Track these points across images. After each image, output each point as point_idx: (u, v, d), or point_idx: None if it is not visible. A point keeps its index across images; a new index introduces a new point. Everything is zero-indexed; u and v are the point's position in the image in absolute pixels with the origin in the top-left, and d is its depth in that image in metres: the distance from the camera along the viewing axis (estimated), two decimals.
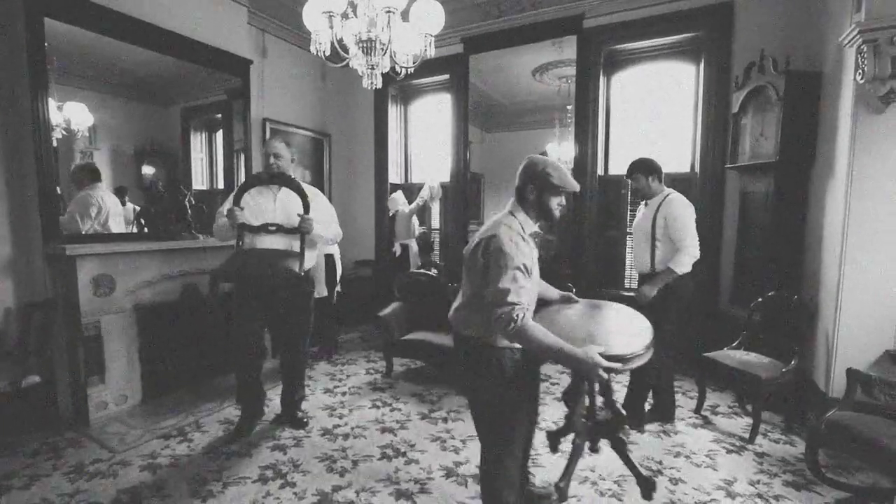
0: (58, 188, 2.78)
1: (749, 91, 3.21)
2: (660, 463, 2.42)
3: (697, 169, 3.79)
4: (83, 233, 2.95)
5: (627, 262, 4.21)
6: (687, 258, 2.54)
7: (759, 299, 3.00)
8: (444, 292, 3.84)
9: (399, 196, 4.92)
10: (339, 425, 2.84)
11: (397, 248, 4.94)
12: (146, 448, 2.56)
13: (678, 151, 4.02)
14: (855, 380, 2.17)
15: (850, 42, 2.40)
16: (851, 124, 2.44)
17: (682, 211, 2.58)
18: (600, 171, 4.22)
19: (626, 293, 4.08)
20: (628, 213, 4.20)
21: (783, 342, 2.84)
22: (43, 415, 2.73)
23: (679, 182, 3.97)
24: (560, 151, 4.56)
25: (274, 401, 3.03)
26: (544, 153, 4.74)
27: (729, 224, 3.63)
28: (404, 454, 2.51)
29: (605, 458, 2.45)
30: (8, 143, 2.69)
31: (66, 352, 2.85)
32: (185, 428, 2.79)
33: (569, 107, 4.30)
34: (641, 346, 1.58)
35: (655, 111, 4.13)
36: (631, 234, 3.69)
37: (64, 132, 2.90)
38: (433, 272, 4.26)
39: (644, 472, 2.04)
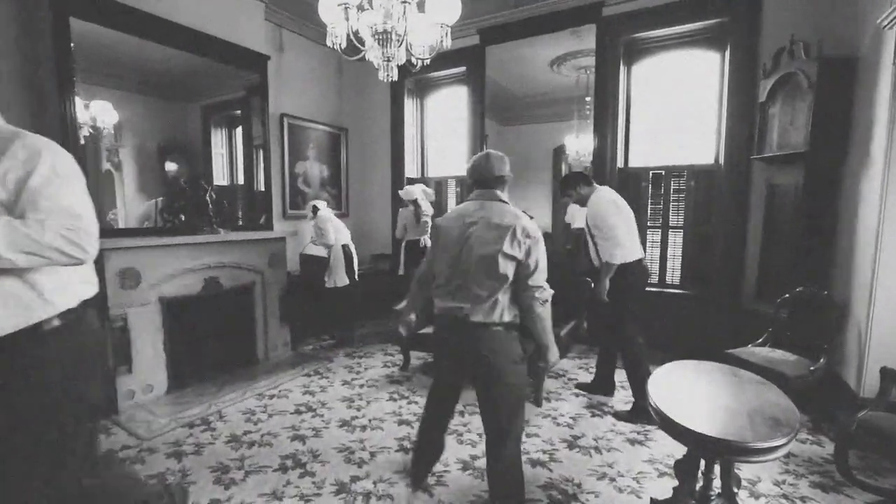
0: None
1: (778, 79, 3.09)
2: None
3: (722, 161, 3.67)
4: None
5: (647, 256, 4.13)
6: (615, 250, 2.72)
7: (787, 295, 2.90)
8: None
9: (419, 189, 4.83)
10: (356, 417, 2.88)
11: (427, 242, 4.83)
12: (171, 436, 2.64)
13: (702, 143, 3.91)
14: (890, 379, 2.08)
15: (889, 24, 2.28)
16: (890, 112, 2.32)
17: (598, 208, 2.82)
18: (620, 164, 4.13)
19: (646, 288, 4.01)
20: (649, 205, 4.11)
21: (811, 339, 2.75)
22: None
23: (702, 174, 3.87)
24: (578, 144, 4.48)
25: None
26: (562, 146, 4.68)
27: (754, 217, 3.52)
28: None
29: (624, 455, 2.43)
30: None
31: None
32: (209, 417, 2.86)
33: (588, 98, 4.22)
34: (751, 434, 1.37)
35: (678, 101, 4.01)
36: (650, 227, 4.11)
37: (91, 130, 2.98)
38: None
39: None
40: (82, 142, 2.86)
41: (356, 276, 4.34)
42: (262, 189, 4.05)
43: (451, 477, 2.24)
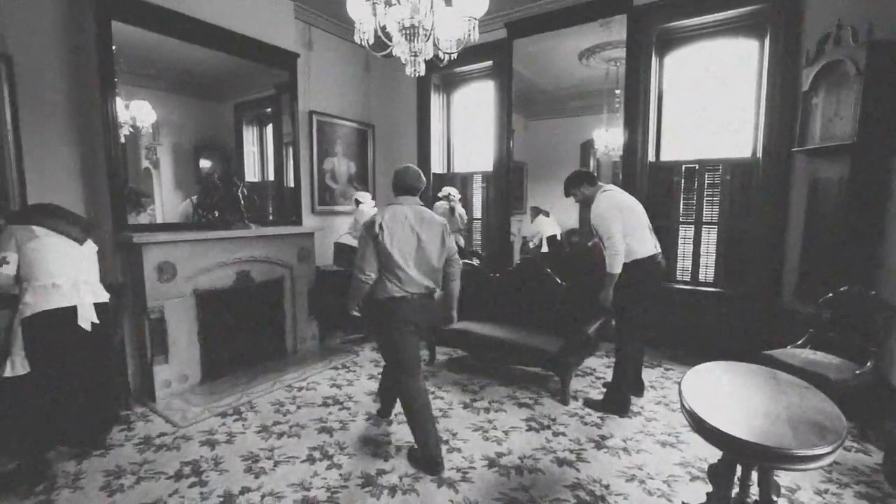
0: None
1: (822, 67, 2.93)
2: None
3: (760, 154, 3.52)
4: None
5: (679, 253, 4.01)
6: (613, 260, 2.65)
7: (830, 294, 2.76)
8: (487, 282, 3.82)
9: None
10: None
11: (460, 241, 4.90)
12: (205, 425, 2.73)
13: (739, 135, 3.75)
14: None
15: None
16: None
17: (599, 211, 2.73)
18: (651, 158, 4.02)
19: (678, 285, 3.90)
20: (681, 201, 3.98)
21: (857, 342, 2.61)
22: (117, 390, 2.97)
23: (739, 168, 3.72)
24: (608, 138, 4.38)
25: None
26: (591, 140, 4.58)
27: (795, 212, 3.35)
28: (446, 442, 2.52)
29: (654, 457, 2.37)
30: (82, 141, 2.92)
31: (134, 333, 3.09)
32: (240, 407, 2.95)
33: (617, 91, 4.11)
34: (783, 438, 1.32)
35: (713, 92, 3.86)
36: (682, 223, 4.01)
37: (131, 129, 3.10)
38: (475, 262, 4.24)
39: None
40: (123, 140, 2.98)
41: None
42: (292, 185, 4.13)
43: (476, 474, 2.24)
